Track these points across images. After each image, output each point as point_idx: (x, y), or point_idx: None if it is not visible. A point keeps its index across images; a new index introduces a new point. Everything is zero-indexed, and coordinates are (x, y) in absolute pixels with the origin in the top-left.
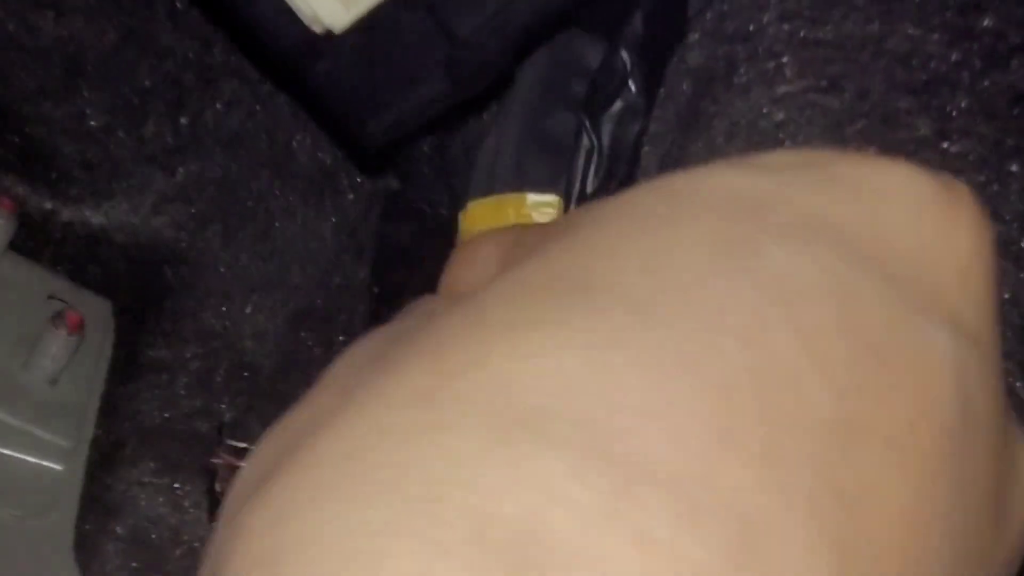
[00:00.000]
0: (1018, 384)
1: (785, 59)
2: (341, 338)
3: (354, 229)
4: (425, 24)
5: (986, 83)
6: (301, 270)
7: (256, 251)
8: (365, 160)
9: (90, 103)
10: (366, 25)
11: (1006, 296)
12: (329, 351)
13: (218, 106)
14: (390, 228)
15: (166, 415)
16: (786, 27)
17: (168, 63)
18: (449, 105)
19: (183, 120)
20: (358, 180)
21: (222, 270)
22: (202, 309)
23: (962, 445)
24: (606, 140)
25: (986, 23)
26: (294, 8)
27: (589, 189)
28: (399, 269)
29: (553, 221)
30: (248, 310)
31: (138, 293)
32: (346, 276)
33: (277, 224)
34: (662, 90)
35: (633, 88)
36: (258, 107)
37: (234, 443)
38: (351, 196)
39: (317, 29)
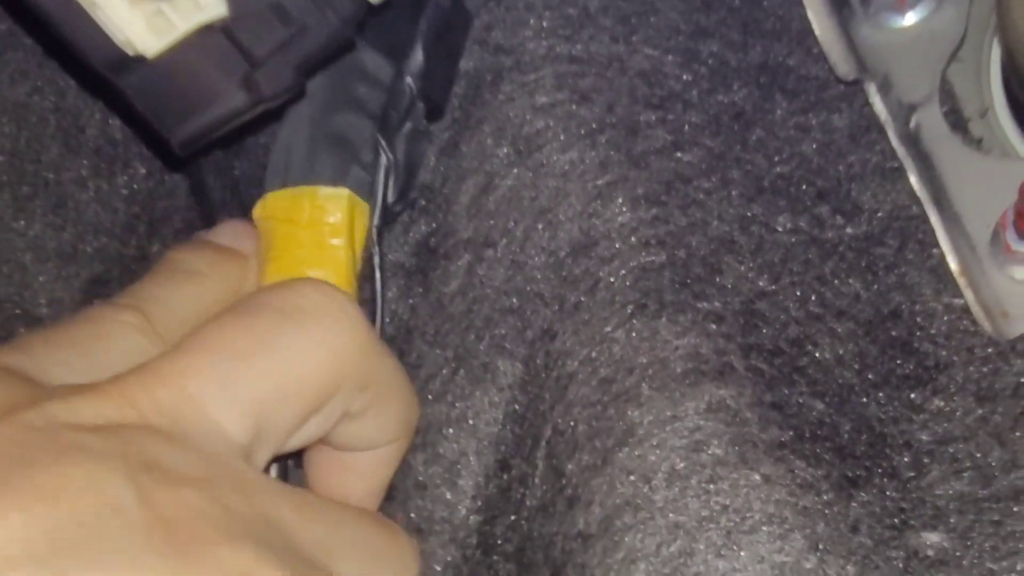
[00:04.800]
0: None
1: (543, 72)
2: None
3: (147, 201)
4: (224, 46)
5: (712, 101)
6: (95, 240)
7: (49, 221)
8: (172, 160)
9: None
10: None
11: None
12: None
13: (3, 77)
14: None
15: None
16: (544, 43)
17: None
18: (248, 118)
19: None
20: (149, 154)
21: (15, 239)
22: None
23: None
24: (401, 157)
25: (712, 48)
26: (107, 32)
27: (391, 200)
28: None
29: None
30: (43, 279)
31: None
32: (140, 247)
33: (69, 195)
34: None
35: (422, 109)
36: (44, 80)
37: None
38: (143, 170)
39: (129, 52)
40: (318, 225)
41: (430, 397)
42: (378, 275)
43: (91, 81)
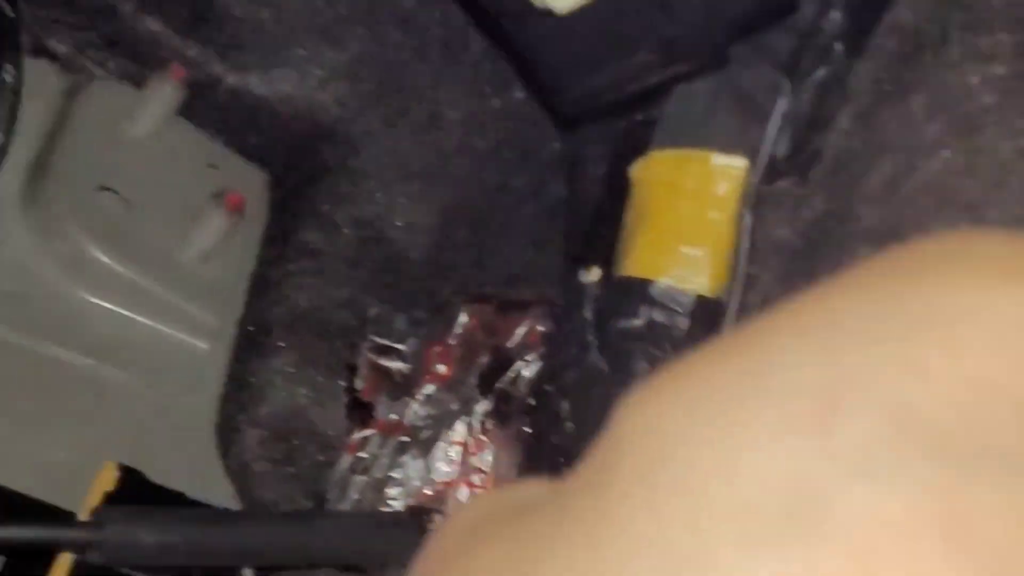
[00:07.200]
0: None
1: (1003, 36)
2: (492, 241)
3: (518, 132)
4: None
5: None
6: (460, 165)
7: (417, 139)
8: (561, 118)
9: None
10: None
11: None
12: (480, 252)
13: None
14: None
15: (313, 303)
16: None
17: None
18: (656, 80)
19: None
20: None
21: (381, 155)
22: (357, 193)
23: None
24: (805, 107)
25: None
26: None
27: (779, 154)
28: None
29: None
30: (402, 200)
31: (295, 169)
32: (504, 177)
33: (441, 114)
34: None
35: (840, 52)
36: None
37: (377, 339)
38: (519, 95)
39: (538, 5)
40: (703, 196)
41: None
42: (745, 243)
43: (489, 31)
